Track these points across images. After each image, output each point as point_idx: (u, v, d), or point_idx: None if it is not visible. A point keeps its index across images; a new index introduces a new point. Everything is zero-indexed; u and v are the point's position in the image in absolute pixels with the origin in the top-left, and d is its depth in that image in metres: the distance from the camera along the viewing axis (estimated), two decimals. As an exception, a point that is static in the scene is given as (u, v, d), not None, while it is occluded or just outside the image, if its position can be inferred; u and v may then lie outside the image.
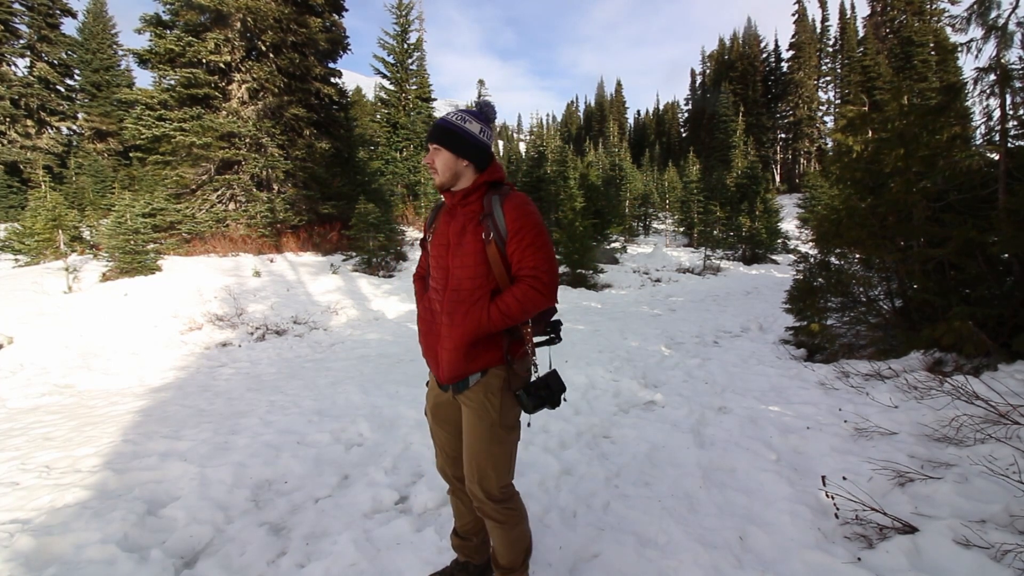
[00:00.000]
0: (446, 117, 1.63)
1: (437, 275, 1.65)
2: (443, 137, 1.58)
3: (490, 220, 1.55)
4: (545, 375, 1.65)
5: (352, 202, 12.85)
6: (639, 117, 63.24)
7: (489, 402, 1.60)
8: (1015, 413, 2.49)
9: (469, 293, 1.56)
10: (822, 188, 19.52)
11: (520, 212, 1.55)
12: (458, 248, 1.58)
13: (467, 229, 1.58)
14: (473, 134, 1.59)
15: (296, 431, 3.51)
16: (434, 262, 1.67)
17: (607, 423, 3.61)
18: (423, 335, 1.71)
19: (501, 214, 1.55)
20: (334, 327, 8.09)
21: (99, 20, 26.99)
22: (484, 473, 1.61)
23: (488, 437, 1.60)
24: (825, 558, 1.91)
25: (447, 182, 1.61)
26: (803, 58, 40.99)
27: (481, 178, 1.61)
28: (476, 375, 1.60)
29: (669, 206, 26.93)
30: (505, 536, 1.67)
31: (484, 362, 1.60)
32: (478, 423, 1.61)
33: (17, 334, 6.59)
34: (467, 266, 1.56)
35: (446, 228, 1.63)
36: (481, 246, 1.55)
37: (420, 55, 22.32)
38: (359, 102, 32.22)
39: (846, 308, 5.06)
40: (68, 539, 2.17)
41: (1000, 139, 3.84)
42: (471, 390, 1.61)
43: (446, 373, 1.61)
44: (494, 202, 1.58)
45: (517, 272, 1.56)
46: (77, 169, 20.50)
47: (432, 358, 1.67)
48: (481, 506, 1.65)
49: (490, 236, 1.54)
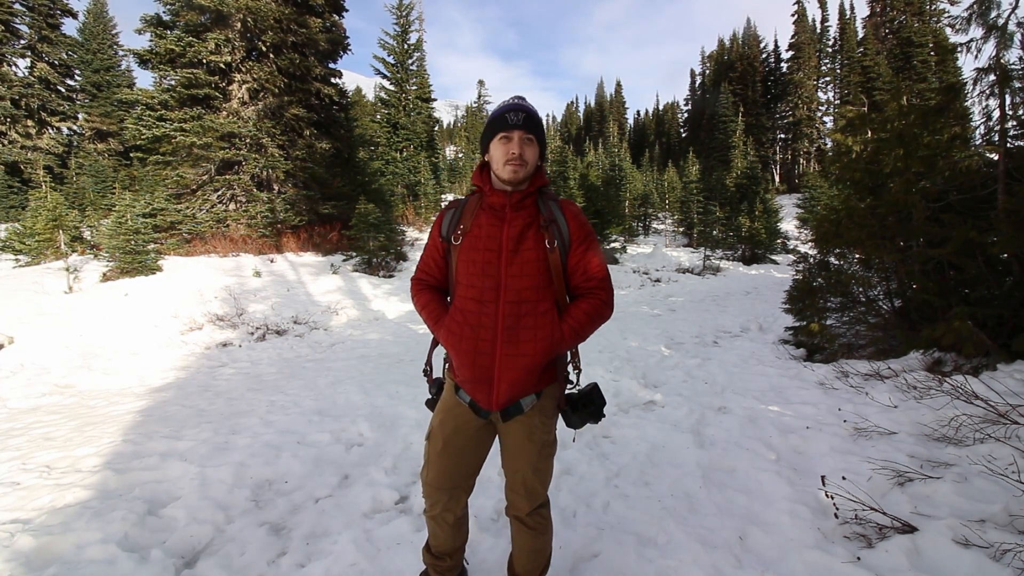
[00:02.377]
0: (530, 106, 1.45)
1: (480, 283, 1.43)
2: (538, 129, 1.43)
3: (555, 227, 1.44)
4: (588, 389, 1.56)
5: (352, 202, 12.87)
6: (639, 117, 63.29)
7: (542, 423, 1.51)
8: (1014, 413, 2.49)
9: (533, 306, 1.42)
10: (821, 188, 19.53)
11: (583, 220, 1.47)
12: (514, 255, 1.41)
13: (526, 235, 1.43)
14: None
15: (296, 431, 3.51)
16: (473, 268, 1.44)
17: (607, 423, 3.61)
18: (467, 354, 1.43)
19: (564, 221, 1.46)
20: (334, 327, 8.09)
21: (99, 20, 27.01)
22: (533, 490, 1.55)
23: (538, 456, 1.53)
24: (825, 558, 1.92)
25: (524, 180, 1.45)
26: (803, 58, 41.01)
27: (539, 180, 1.49)
28: (531, 398, 1.48)
29: (669, 206, 26.93)
30: (533, 543, 1.63)
31: (543, 382, 1.49)
32: (529, 444, 1.51)
33: (18, 334, 6.59)
34: (529, 275, 1.41)
35: (494, 232, 1.44)
36: (544, 254, 1.42)
37: (420, 55, 22.34)
38: (359, 102, 32.26)
39: (846, 308, 5.06)
40: (69, 539, 2.17)
41: (999, 139, 3.84)
42: (525, 415, 1.48)
43: (504, 397, 1.44)
44: (554, 208, 1.47)
45: (583, 284, 1.47)
46: (78, 169, 20.51)
47: (483, 381, 1.44)
48: (518, 514, 1.60)
49: (555, 244, 1.42)
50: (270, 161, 12.39)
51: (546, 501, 1.64)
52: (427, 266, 1.61)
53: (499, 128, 1.42)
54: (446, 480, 1.58)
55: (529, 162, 1.42)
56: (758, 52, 45.57)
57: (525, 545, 1.64)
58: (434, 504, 1.62)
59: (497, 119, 1.44)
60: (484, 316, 1.42)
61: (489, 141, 1.46)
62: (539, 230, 1.44)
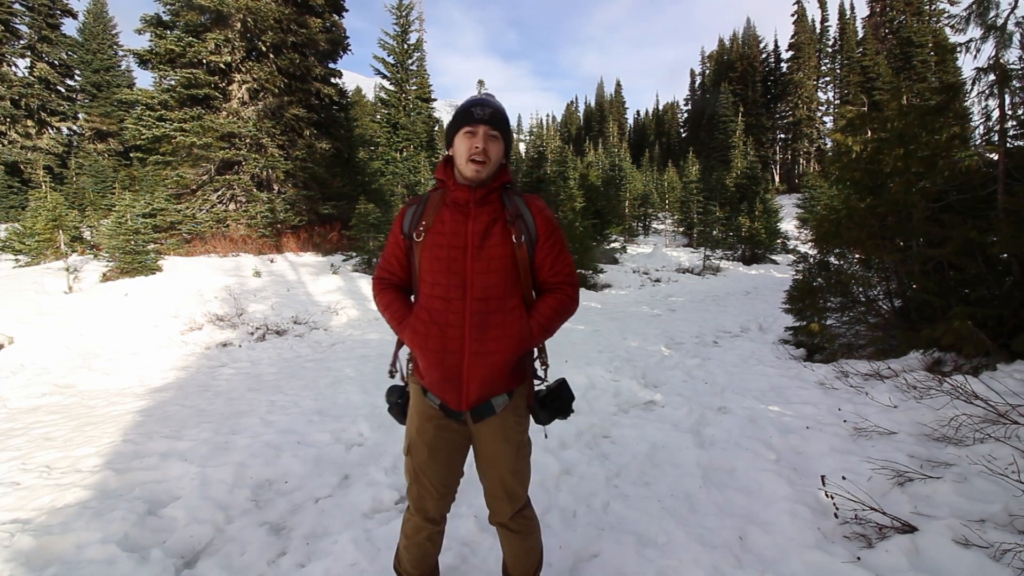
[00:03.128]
0: (496, 102, 1.42)
1: (445, 281, 1.39)
2: (503, 125, 1.41)
3: (521, 222, 1.42)
4: (556, 385, 1.55)
5: (352, 202, 12.87)
6: (639, 117, 63.29)
7: (516, 424, 1.49)
8: (1014, 413, 2.49)
9: (501, 302, 1.39)
10: (821, 188, 19.53)
11: (549, 215, 1.46)
12: (481, 251, 1.38)
13: (492, 231, 1.40)
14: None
15: (296, 431, 3.51)
16: (438, 265, 1.40)
17: (607, 423, 3.61)
18: (434, 353, 1.39)
19: (530, 216, 1.44)
20: (334, 327, 8.09)
21: (99, 20, 27.03)
22: (513, 493, 1.53)
23: (515, 457, 1.51)
24: (825, 558, 1.92)
25: (489, 178, 1.42)
26: (802, 58, 41.03)
27: (504, 176, 1.47)
28: (503, 397, 1.46)
29: (669, 206, 26.94)
30: (522, 545, 1.62)
31: (514, 381, 1.47)
32: (504, 446, 1.48)
33: (17, 334, 6.59)
34: (496, 271, 1.38)
35: (459, 228, 1.40)
36: (511, 249, 1.39)
37: (420, 55, 22.34)
38: (359, 102, 32.26)
39: (845, 308, 5.06)
40: (69, 539, 2.17)
41: (999, 139, 3.85)
42: (498, 415, 1.46)
43: (474, 396, 1.41)
44: (519, 203, 1.46)
45: (549, 279, 1.46)
46: (77, 169, 20.53)
47: (451, 381, 1.40)
48: (501, 520, 1.58)
49: (523, 239, 1.40)
50: (270, 161, 12.39)
51: (527, 502, 1.62)
52: (389, 264, 1.54)
53: (464, 122, 1.39)
54: (442, 486, 1.52)
55: (492, 158, 1.39)
56: (758, 52, 45.59)
57: (514, 549, 1.63)
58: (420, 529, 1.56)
59: (462, 113, 1.40)
60: (451, 314, 1.37)
61: (454, 135, 1.42)
62: (506, 225, 1.41)
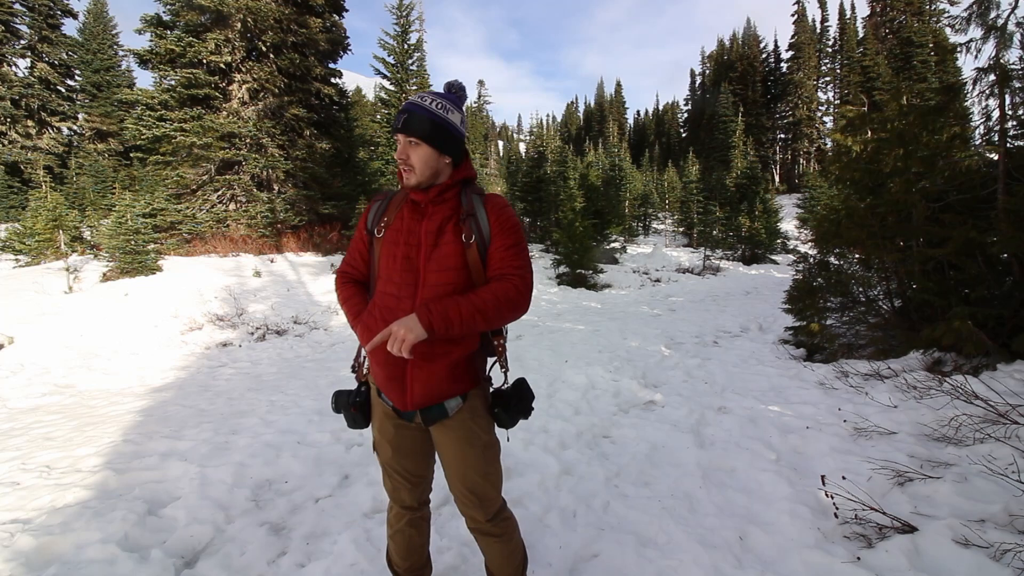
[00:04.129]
0: (424, 104, 1.37)
1: (399, 278, 1.39)
2: (425, 130, 1.35)
3: (472, 220, 1.39)
4: (515, 386, 1.52)
5: (352, 202, 12.88)
6: (639, 117, 63.31)
7: (478, 426, 1.47)
8: (1014, 413, 2.49)
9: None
10: (821, 188, 19.52)
11: (505, 214, 1.42)
12: (434, 250, 1.37)
13: (445, 229, 1.39)
14: (456, 126, 1.40)
15: (296, 431, 3.51)
16: (393, 263, 1.40)
17: (607, 423, 3.62)
18: (380, 351, 1.34)
19: (484, 214, 1.41)
20: (334, 327, 8.09)
21: (100, 21, 27.04)
22: (485, 496, 1.51)
23: (483, 460, 1.49)
24: (825, 558, 1.92)
25: (425, 181, 1.39)
26: (803, 58, 41.03)
27: (459, 174, 1.44)
28: (455, 400, 1.43)
29: (669, 206, 26.94)
30: (503, 549, 1.60)
31: (464, 384, 1.44)
32: (469, 449, 1.47)
33: (18, 334, 6.59)
34: (446, 270, 1.37)
35: (414, 226, 1.41)
36: (461, 248, 1.38)
37: (420, 55, 22.31)
38: (359, 102, 32.24)
39: (845, 308, 5.06)
40: (69, 539, 2.17)
41: (999, 139, 3.84)
42: (452, 418, 1.44)
43: (418, 397, 1.39)
44: (475, 201, 1.42)
45: (499, 272, 1.39)
46: (78, 169, 20.53)
47: (396, 380, 1.39)
48: (478, 526, 1.56)
49: (472, 238, 1.38)
50: (270, 161, 12.40)
51: (503, 503, 1.60)
52: (352, 258, 1.56)
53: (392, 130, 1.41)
54: (412, 475, 1.55)
55: (417, 165, 1.37)
56: (758, 52, 45.59)
57: (496, 553, 1.61)
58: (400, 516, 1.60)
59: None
60: (400, 312, 1.35)
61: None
62: (457, 224, 1.39)
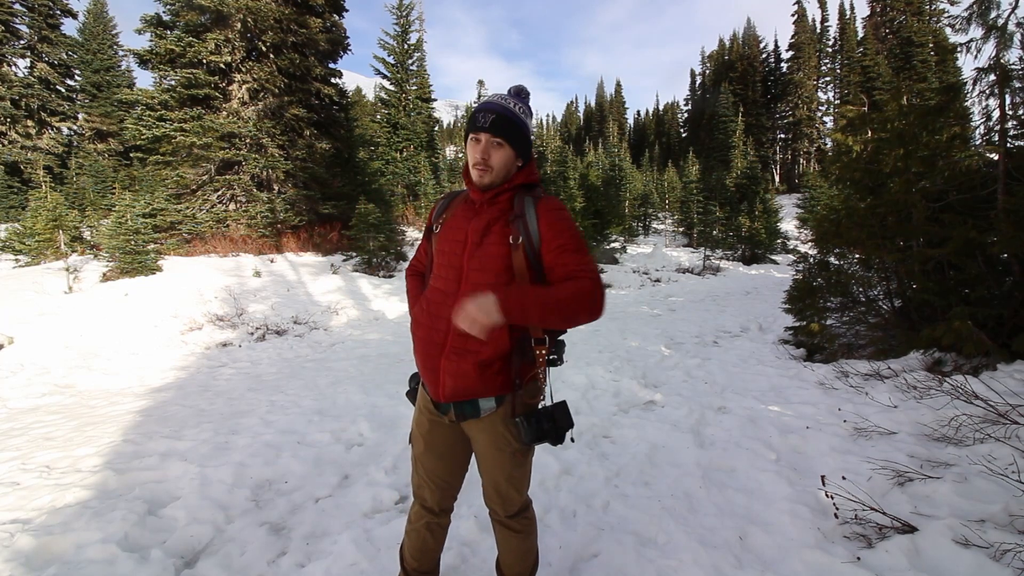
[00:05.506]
0: (508, 106, 1.37)
1: (445, 274, 1.42)
2: (511, 132, 1.35)
3: (521, 222, 1.36)
4: (553, 406, 1.46)
5: (352, 202, 12.87)
6: (639, 117, 63.27)
7: (510, 432, 1.45)
8: (1014, 413, 2.49)
9: None
10: (821, 188, 19.52)
11: (557, 216, 1.37)
12: (477, 248, 1.37)
13: (492, 229, 1.38)
14: (530, 129, 1.41)
15: (296, 431, 3.51)
16: (443, 259, 1.43)
17: (607, 423, 3.62)
18: (421, 342, 1.44)
19: (534, 217, 1.36)
20: (334, 327, 8.09)
21: (99, 20, 27.02)
22: (508, 497, 1.53)
23: (510, 463, 1.48)
24: (825, 558, 1.92)
25: (497, 182, 1.39)
26: (803, 58, 41.01)
27: (520, 177, 1.42)
28: (490, 402, 1.41)
29: (669, 206, 26.92)
30: (519, 546, 1.61)
31: (498, 387, 1.40)
32: (498, 453, 1.46)
33: (18, 334, 6.59)
34: (487, 270, 1.36)
35: (464, 223, 1.41)
36: (507, 250, 1.35)
37: (420, 55, 22.35)
38: (359, 102, 32.25)
39: (845, 308, 5.06)
40: (69, 539, 2.17)
41: (999, 139, 3.84)
42: (483, 420, 1.43)
43: (449, 389, 1.39)
44: (527, 203, 1.39)
45: (563, 274, 1.33)
46: (78, 169, 20.52)
47: (431, 370, 1.42)
48: (498, 518, 1.59)
49: (519, 240, 1.34)
50: (270, 161, 12.39)
51: (528, 503, 1.61)
52: (419, 253, 1.66)
53: (470, 128, 1.38)
54: (438, 478, 1.55)
55: (495, 165, 1.37)
56: (758, 52, 45.57)
57: (512, 548, 1.62)
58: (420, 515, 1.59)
59: (470, 119, 1.40)
60: (444, 307, 1.39)
61: (466, 139, 1.43)
62: (505, 225, 1.38)
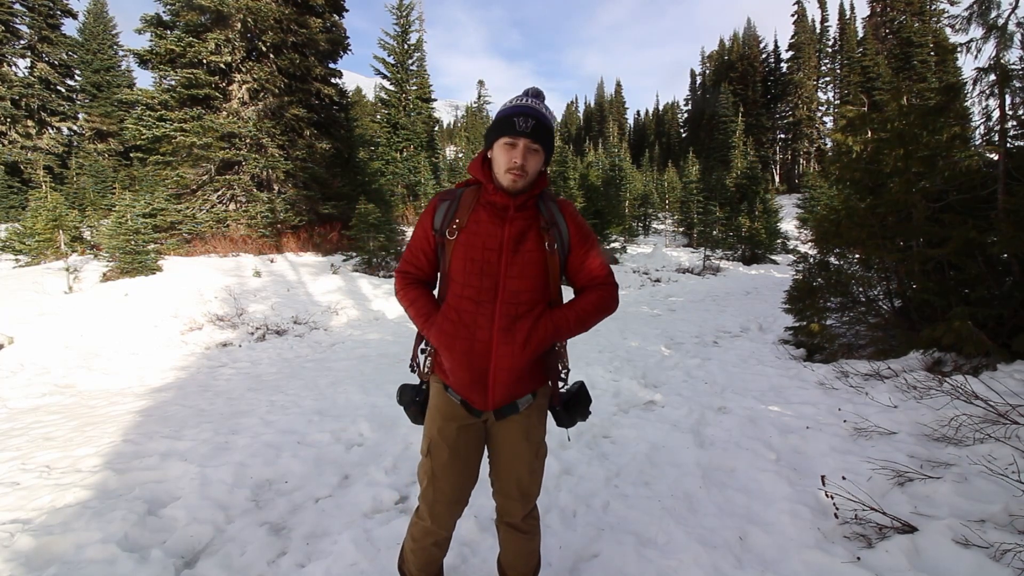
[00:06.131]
0: (542, 111, 1.38)
1: (478, 283, 1.38)
2: (547, 138, 1.38)
3: (556, 230, 1.42)
4: (577, 388, 1.56)
5: (352, 202, 12.88)
6: (639, 117, 63.29)
7: (539, 421, 1.52)
8: (1014, 413, 2.49)
9: (529, 308, 1.39)
10: (821, 188, 19.53)
11: (581, 221, 1.47)
12: (514, 255, 1.38)
13: (527, 235, 1.39)
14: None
15: (296, 431, 3.51)
16: (473, 267, 1.38)
17: (607, 423, 3.62)
18: (462, 354, 1.38)
19: (564, 223, 1.44)
20: (334, 327, 8.09)
21: (100, 21, 27.03)
22: (528, 493, 1.54)
23: (533, 456, 1.52)
24: (825, 558, 1.92)
25: (527, 187, 1.39)
26: (802, 59, 41.02)
27: (543, 182, 1.44)
28: (527, 397, 1.47)
29: (669, 206, 26.94)
30: (527, 546, 1.62)
31: (538, 382, 1.48)
32: (525, 444, 1.49)
33: (18, 334, 6.59)
34: (527, 276, 1.38)
35: (496, 229, 1.39)
36: (544, 256, 1.40)
37: (420, 56, 22.37)
38: (359, 102, 32.27)
39: (845, 308, 5.06)
40: (69, 539, 2.17)
41: (999, 139, 3.84)
42: (521, 414, 1.47)
43: (499, 398, 1.42)
44: (554, 209, 1.45)
45: (589, 282, 1.47)
46: (78, 169, 20.53)
47: (478, 383, 1.40)
48: (512, 520, 1.58)
49: (555, 246, 1.41)
50: (270, 161, 12.39)
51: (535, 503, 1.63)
52: (416, 259, 1.51)
53: (505, 131, 1.34)
54: (458, 491, 1.50)
55: (530, 172, 1.36)
56: (758, 52, 45.57)
57: (520, 550, 1.62)
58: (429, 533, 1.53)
59: (505, 121, 1.35)
60: (480, 316, 1.37)
61: (494, 140, 1.38)
62: (540, 232, 1.40)
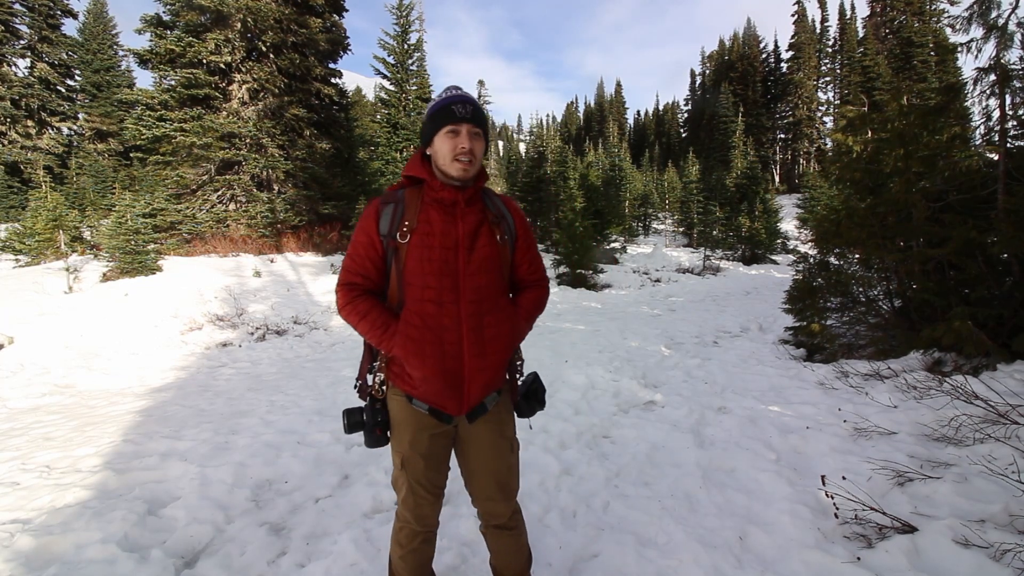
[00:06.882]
0: (475, 99, 1.40)
1: (437, 283, 1.34)
2: (484, 122, 1.39)
3: (505, 223, 1.46)
4: (532, 380, 1.60)
5: (352, 202, 12.89)
6: (639, 117, 63.28)
7: (509, 418, 1.55)
8: (1014, 413, 2.49)
9: (493, 302, 1.40)
10: (821, 188, 19.52)
11: (523, 215, 1.53)
12: (472, 253, 1.37)
13: (480, 231, 1.39)
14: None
15: (296, 431, 3.51)
16: (431, 267, 1.34)
17: (607, 423, 3.62)
18: (434, 359, 1.33)
19: (510, 216, 1.48)
20: (334, 327, 8.09)
21: (99, 21, 27.04)
22: (508, 487, 1.55)
23: (509, 451, 1.54)
24: (825, 558, 1.92)
25: (473, 176, 1.39)
26: (803, 58, 41.01)
27: (484, 177, 1.45)
28: (494, 395, 1.48)
29: (669, 206, 26.95)
30: (516, 543, 1.63)
31: (503, 379, 1.50)
32: (500, 440, 1.51)
33: (18, 334, 6.59)
34: (487, 271, 1.39)
35: (449, 227, 1.36)
36: (498, 249, 1.42)
37: (420, 55, 22.33)
38: (359, 102, 32.27)
39: (846, 308, 5.06)
40: (69, 539, 2.17)
41: (1000, 139, 3.84)
42: (490, 412, 1.48)
43: (475, 400, 1.40)
44: (499, 203, 1.49)
45: (528, 276, 1.52)
46: (78, 169, 20.52)
47: (454, 388, 1.36)
48: (498, 521, 1.59)
49: (506, 238, 1.44)
50: (270, 161, 12.40)
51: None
52: (363, 268, 1.40)
53: (446, 120, 1.33)
54: (438, 488, 1.52)
55: (478, 157, 1.36)
56: (758, 52, 45.58)
57: (510, 548, 1.62)
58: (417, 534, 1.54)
59: (442, 111, 1.34)
60: (445, 318, 1.33)
61: (434, 134, 1.36)
62: (491, 226, 1.42)
